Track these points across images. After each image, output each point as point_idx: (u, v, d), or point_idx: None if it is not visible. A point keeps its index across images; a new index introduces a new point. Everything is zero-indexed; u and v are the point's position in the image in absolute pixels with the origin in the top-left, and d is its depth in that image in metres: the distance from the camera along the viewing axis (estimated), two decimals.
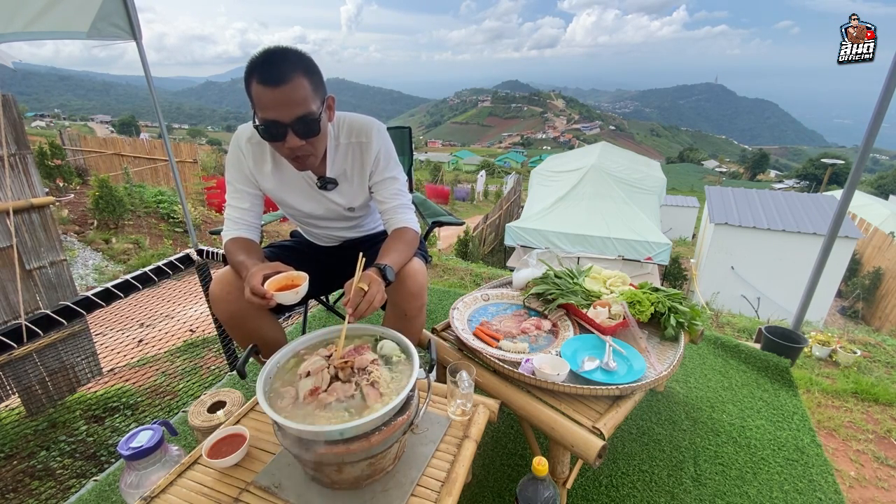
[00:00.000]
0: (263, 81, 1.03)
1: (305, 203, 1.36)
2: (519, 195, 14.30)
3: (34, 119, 62.41)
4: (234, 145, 1.28)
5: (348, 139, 1.29)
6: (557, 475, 1.23)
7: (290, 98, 1.04)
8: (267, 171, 1.30)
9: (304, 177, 1.30)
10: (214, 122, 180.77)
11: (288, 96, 1.04)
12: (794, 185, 41.68)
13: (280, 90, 1.03)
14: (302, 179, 1.31)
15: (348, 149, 1.29)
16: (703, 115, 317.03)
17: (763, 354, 2.19)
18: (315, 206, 1.37)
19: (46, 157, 7.78)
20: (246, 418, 1.18)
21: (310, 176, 1.30)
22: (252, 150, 1.27)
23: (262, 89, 1.04)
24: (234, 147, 1.29)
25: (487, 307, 1.64)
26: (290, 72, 1.03)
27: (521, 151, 77.76)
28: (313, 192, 1.33)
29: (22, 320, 1.62)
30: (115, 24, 1.92)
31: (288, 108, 1.05)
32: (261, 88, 1.04)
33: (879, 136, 1.95)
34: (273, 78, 1.03)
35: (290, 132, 1.08)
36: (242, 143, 1.27)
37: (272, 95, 1.04)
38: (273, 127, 1.08)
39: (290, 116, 1.06)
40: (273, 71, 1.03)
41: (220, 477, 1.02)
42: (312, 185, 1.31)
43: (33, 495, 1.77)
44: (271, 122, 1.07)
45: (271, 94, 1.03)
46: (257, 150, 1.28)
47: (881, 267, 9.16)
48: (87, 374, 2.70)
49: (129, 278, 1.97)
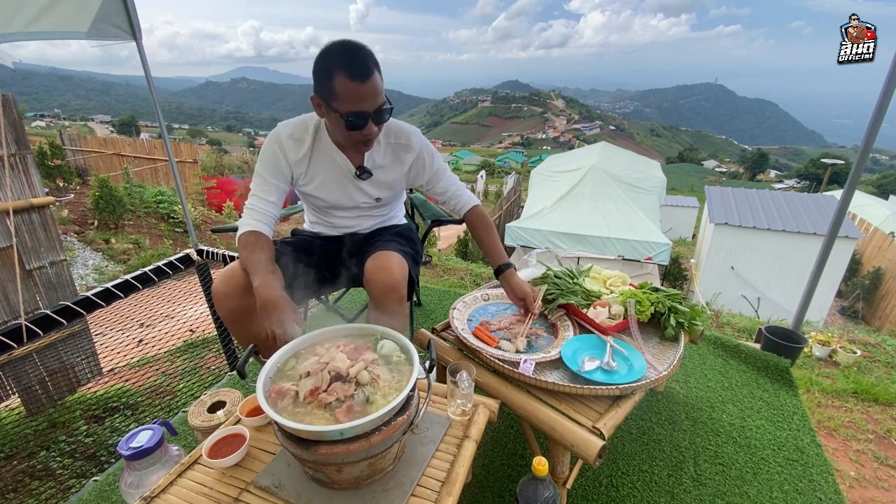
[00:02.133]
0: (353, 76, 1.13)
1: (333, 191, 1.44)
2: (519, 195, 14.29)
3: (34, 119, 62.39)
4: (274, 141, 1.35)
5: (388, 139, 1.41)
6: (557, 475, 1.23)
7: (374, 91, 1.17)
8: (304, 164, 1.38)
9: (343, 168, 1.39)
10: (214, 122, 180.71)
11: (373, 89, 1.16)
12: (794, 185, 41.66)
13: (367, 84, 1.15)
14: (339, 170, 1.39)
15: (387, 147, 1.42)
16: (703, 115, 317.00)
17: (763, 354, 2.19)
18: (343, 195, 1.45)
19: (46, 157, 7.78)
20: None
21: (348, 167, 1.39)
22: (294, 146, 1.35)
23: (350, 84, 1.13)
24: (273, 143, 1.35)
25: (487, 307, 1.64)
26: (373, 67, 1.15)
27: (521, 151, 77.73)
28: (347, 181, 1.42)
29: (22, 320, 1.62)
30: (115, 24, 1.92)
31: (373, 99, 1.17)
32: (349, 83, 1.13)
33: (879, 136, 1.95)
34: (362, 73, 1.13)
35: (370, 121, 1.20)
36: (284, 139, 1.34)
37: (362, 89, 1.14)
38: (360, 117, 1.18)
39: (374, 107, 1.19)
40: (361, 66, 1.13)
41: (220, 477, 1.02)
42: (347, 175, 1.40)
43: (33, 495, 1.77)
44: (359, 112, 1.17)
45: (360, 87, 1.14)
46: (299, 146, 1.36)
47: (881, 267, 9.16)
48: (87, 374, 2.70)
49: (129, 278, 1.97)
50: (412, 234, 1.67)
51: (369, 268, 1.32)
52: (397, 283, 1.29)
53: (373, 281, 1.30)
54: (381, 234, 1.59)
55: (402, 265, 1.32)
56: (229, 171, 12.88)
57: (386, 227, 1.63)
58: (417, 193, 2.16)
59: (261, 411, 1.07)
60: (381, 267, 1.30)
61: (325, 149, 1.36)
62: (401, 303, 1.32)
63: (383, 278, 1.28)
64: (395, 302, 1.30)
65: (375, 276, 1.30)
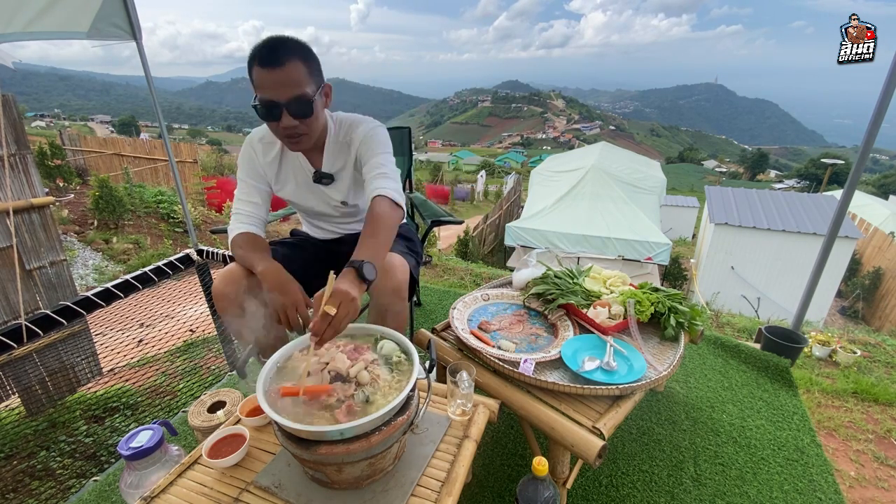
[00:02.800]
0: (262, 64, 1.12)
1: (305, 197, 1.44)
2: (519, 195, 14.29)
3: (34, 119, 62.40)
4: (248, 144, 1.38)
5: (343, 137, 1.37)
6: (557, 475, 1.23)
7: (286, 79, 1.12)
8: (274, 168, 1.38)
9: (304, 171, 1.38)
10: (214, 122, 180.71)
11: (284, 77, 1.12)
12: (795, 185, 41.66)
13: (277, 71, 1.11)
14: (302, 174, 1.39)
15: (342, 146, 1.37)
16: (703, 115, 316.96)
17: (763, 354, 2.19)
18: (314, 200, 1.44)
19: (46, 157, 7.78)
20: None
21: (308, 171, 1.38)
22: (263, 149, 1.37)
23: (260, 71, 1.12)
24: (247, 146, 1.38)
25: (487, 307, 1.64)
26: (287, 56, 1.12)
27: (521, 151, 77.73)
28: (310, 186, 1.40)
29: (22, 320, 1.62)
30: (115, 24, 1.92)
31: (284, 88, 1.13)
32: (259, 70, 1.12)
33: (879, 136, 1.95)
34: (271, 61, 1.11)
35: (284, 111, 1.15)
36: (255, 141, 1.37)
37: (269, 76, 1.12)
38: (269, 106, 1.15)
39: (286, 96, 1.13)
40: (271, 54, 1.11)
41: (220, 477, 1.02)
42: (309, 180, 1.39)
43: (33, 495, 1.77)
44: (268, 101, 1.14)
45: (268, 75, 1.12)
46: (268, 149, 1.37)
47: (881, 267, 9.16)
48: (87, 374, 2.70)
49: (129, 278, 1.97)
50: (412, 235, 1.67)
51: None
52: (400, 285, 1.28)
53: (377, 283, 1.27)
54: None
55: (404, 267, 1.31)
56: (229, 171, 12.87)
57: None
58: (417, 193, 2.16)
59: (261, 411, 1.07)
60: (384, 269, 1.27)
61: (292, 154, 1.37)
62: (403, 304, 1.32)
63: (386, 280, 1.27)
64: (397, 303, 1.30)
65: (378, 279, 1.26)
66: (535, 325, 1.52)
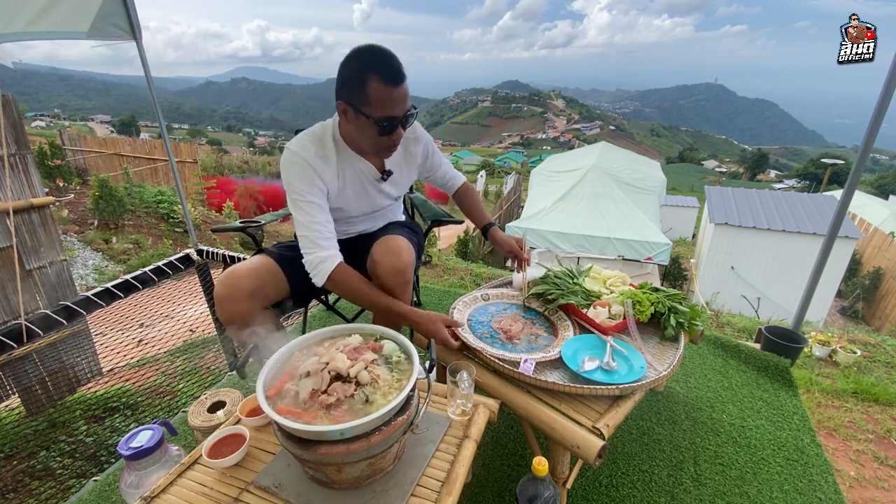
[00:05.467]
0: (388, 81, 1.14)
1: (361, 201, 1.45)
2: (519, 195, 14.28)
3: (34, 119, 62.33)
4: (302, 163, 1.26)
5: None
6: (557, 475, 1.23)
7: (405, 95, 1.19)
8: (336, 180, 1.35)
9: (367, 175, 1.40)
10: (214, 122, 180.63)
11: (405, 94, 1.18)
12: (795, 185, 41.64)
13: (401, 89, 1.16)
14: (363, 177, 1.40)
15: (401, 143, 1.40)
16: (703, 115, 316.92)
17: (763, 354, 2.19)
18: (368, 200, 1.46)
19: (46, 157, 7.78)
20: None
21: (373, 173, 1.40)
22: (324, 166, 1.30)
23: (385, 88, 1.14)
24: (301, 164, 1.26)
25: (487, 307, 1.64)
26: (404, 73, 1.17)
27: (521, 151, 77.70)
28: (371, 186, 1.43)
29: (22, 320, 1.62)
30: (115, 24, 1.93)
31: (404, 104, 1.19)
32: (384, 87, 1.14)
33: (879, 136, 1.95)
34: (396, 78, 1.15)
35: (399, 125, 1.22)
36: (311, 158, 1.27)
37: (396, 94, 1.16)
38: (392, 122, 1.19)
39: (404, 111, 1.20)
40: (396, 72, 1.15)
41: (220, 477, 1.02)
42: (371, 181, 1.41)
43: (33, 495, 1.77)
44: (392, 117, 1.18)
45: (395, 92, 1.15)
46: (327, 164, 1.31)
47: (881, 267, 9.16)
48: (87, 374, 2.70)
49: (129, 278, 1.97)
50: (416, 228, 1.70)
51: (377, 251, 1.31)
52: (406, 266, 1.30)
53: (381, 263, 1.29)
54: (384, 228, 1.61)
55: (409, 249, 1.33)
56: (229, 171, 12.88)
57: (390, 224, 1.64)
58: (417, 193, 2.16)
59: (261, 411, 1.07)
60: (390, 249, 1.30)
61: (348, 160, 1.34)
62: (406, 287, 1.33)
63: (391, 260, 1.29)
64: (402, 285, 1.31)
65: (384, 259, 1.29)
66: (535, 325, 1.52)
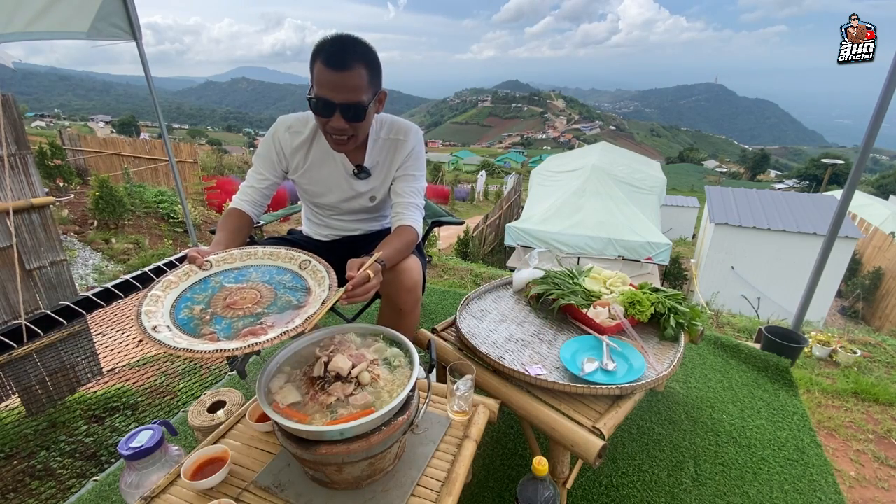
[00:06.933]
0: (326, 63, 1.12)
1: (334, 191, 1.43)
2: (519, 195, 14.28)
3: (34, 119, 62.36)
4: (271, 134, 1.37)
5: (387, 135, 1.39)
6: (557, 475, 1.23)
7: (346, 83, 1.13)
8: (303, 153, 1.37)
9: (341, 166, 1.38)
10: (214, 122, 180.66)
11: (345, 82, 1.13)
12: (795, 185, 41.63)
13: (339, 74, 1.12)
14: (339, 168, 1.38)
15: (385, 143, 1.39)
16: (703, 115, 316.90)
17: (763, 354, 2.19)
18: (342, 195, 1.43)
19: (46, 157, 7.77)
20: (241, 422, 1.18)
21: (346, 165, 1.38)
22: (290, 137, 1.35)
23: (323, 69, 1.12)
24: (271, 136, 1.37)
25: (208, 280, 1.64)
26: (353, 61, 1.12)
27: (521, 151, 77.69)
28: (345, 180, 1.40)
29: (22, 320, 1.62)
30: (115, 24, 1.93)
31: (342, 91, 1.14)
32: (322, 68, 1.12)
33: (879, 136, 1.95)
34: (336, 63, 1.12)
35: (337, 112, 1.17)
36: (281, 131, 1.35)
37: (331, 77, 1.12)
38: (326, 105, 1.16)
39: (342, 99, 1.15)
40: (338, 56, 1.12)
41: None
42: (348, 174, 1.39)
43: (33, 495, 1.77)
44: (325, 99, 1.15)
45: (330, 75, 1.12)
46: (295, 137, 1.35)
47: (881, 267, 9.16)
48: (87, 374, 2.69)
49: (129, 278, 1.96)
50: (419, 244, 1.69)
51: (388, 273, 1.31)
52: (416, 284, 1.33)
53: (392, 282, 1.30)
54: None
55: (418, 267, 1.36)
56: (229, 171, 12.87)
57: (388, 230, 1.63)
58: None
59: (209, 472, 1.01)
60: (401, 268, 1.31)
61: (325, 146, 1.36)
62: (416, 304, 1.37)
63: (403, 279, 1.30)
64: (412, 302, 1.35)
65: (396, 278, 1.30)
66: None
